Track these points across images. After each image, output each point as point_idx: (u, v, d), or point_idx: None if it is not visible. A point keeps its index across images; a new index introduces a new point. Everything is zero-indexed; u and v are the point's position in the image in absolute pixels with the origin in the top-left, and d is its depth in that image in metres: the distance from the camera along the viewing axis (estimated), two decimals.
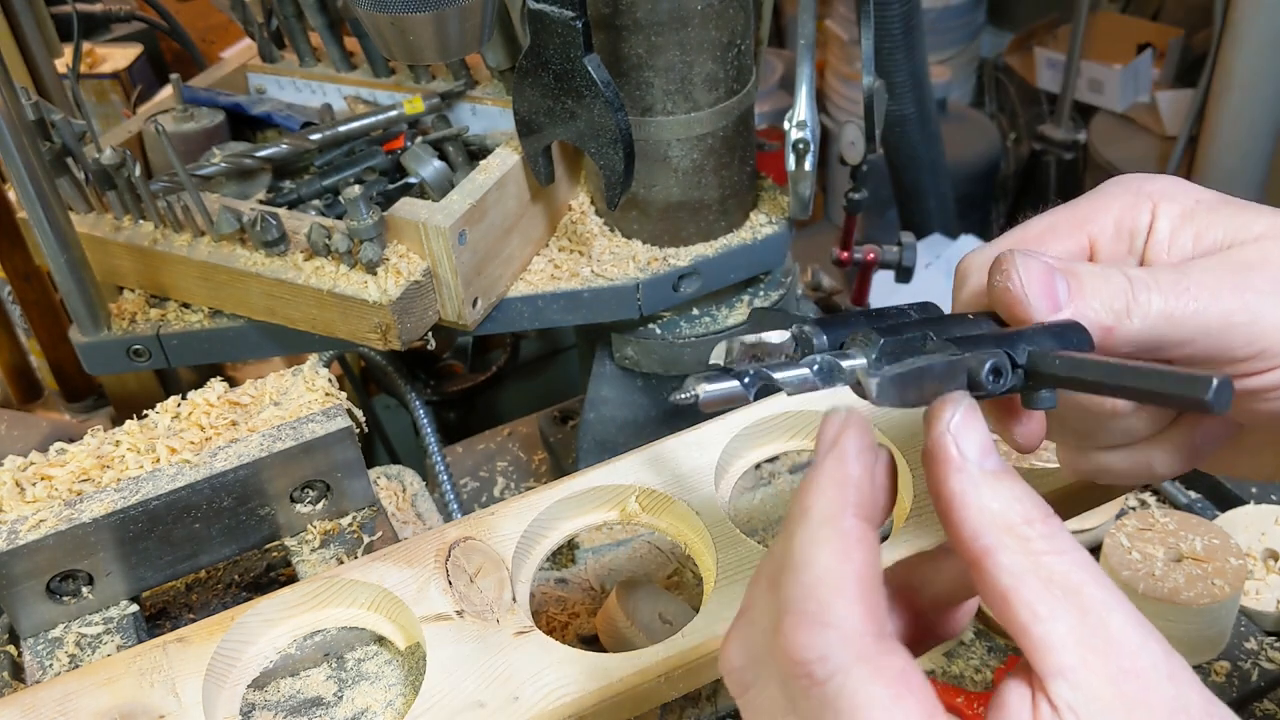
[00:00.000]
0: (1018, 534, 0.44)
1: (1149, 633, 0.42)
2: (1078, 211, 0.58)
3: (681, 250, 1.15)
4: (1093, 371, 0.48)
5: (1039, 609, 0.43)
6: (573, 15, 0.93)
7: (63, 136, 1.03)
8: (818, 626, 0.43)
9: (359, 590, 0.77)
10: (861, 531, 0.45)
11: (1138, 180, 0.58)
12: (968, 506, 0.45)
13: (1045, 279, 0.52)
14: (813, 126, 1.13)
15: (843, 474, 0.46)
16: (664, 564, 1.10)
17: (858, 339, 0.50)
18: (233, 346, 1.12)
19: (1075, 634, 0.42)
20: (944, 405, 0.47)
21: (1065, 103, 3.39)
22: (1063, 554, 0.43)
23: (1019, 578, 0.43)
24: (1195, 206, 0.57)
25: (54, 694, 0.70)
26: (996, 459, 0.46)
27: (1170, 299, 0.52)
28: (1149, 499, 1.19)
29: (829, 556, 0.44)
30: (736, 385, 0.47)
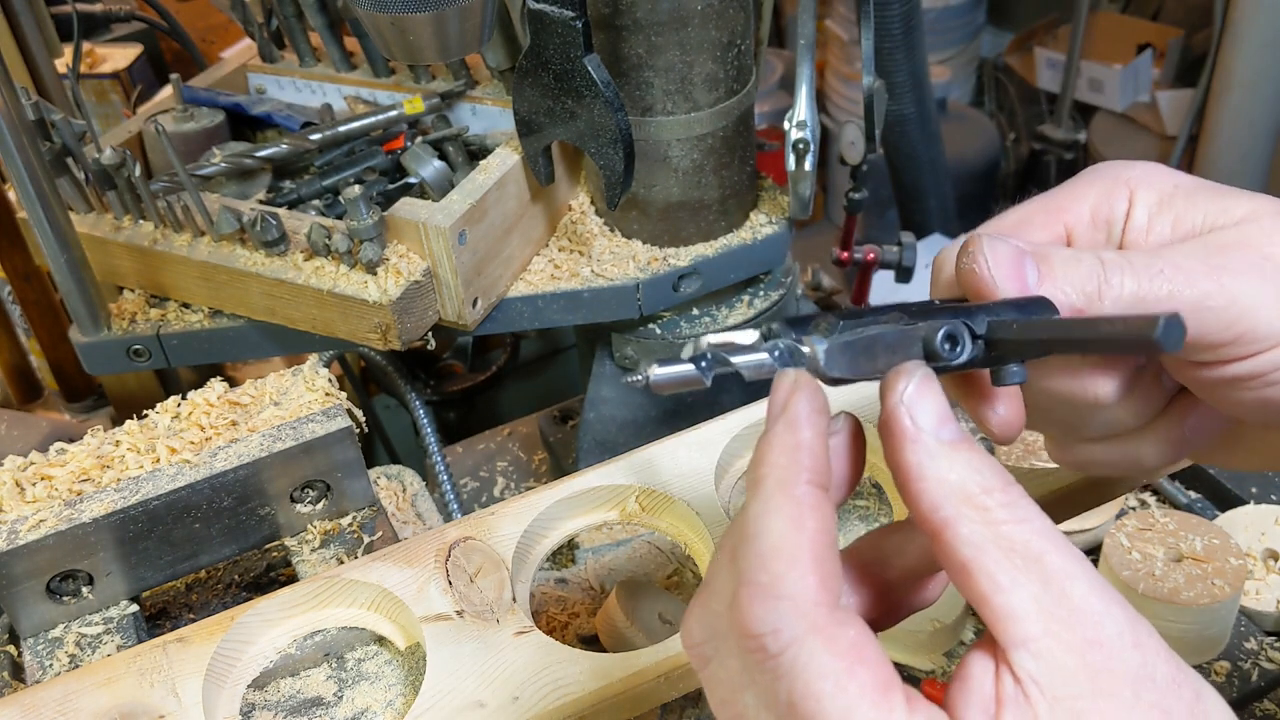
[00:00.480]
0: (976, 504, 0.43)
1: (1113, 599, 0.42)
2: (1053, 201, 0.57)
3: (681, 250, 1.15)
4: (1047, 329, 0.48)
5: (1000, 579, 0.42)
6: (573, 15, 0.93)
7: (63, 136, 1.03)
8: (771, 599, 0.42)
9: (359, 590, 0.77)
10: (815, 498, 0.44)
11: (1115, 168, 0.57)
12: (925, 479, 0.44)
13: (1014, 262, 0.51)
14: (813, 126, 1.13)
15: (794, 439, 0.45)
16: (664, 564, 1.10)
17: (820, 325, 0.50)
18: (233, 346, 1.12)
19: (1037, 603, 0.41)
20: (897, 376, 0.46)
21: (1065, 103, 3.39)
22: (1023, 522, 0.43)
23: (979, 548, 0.42)
24: (1174, 192, 0.55)
25: (54, 694, 0.70)
26: (954, 428, 0.45)
27: (1143, 281, 0.51)
28: (1149, 499, 1.19)
29: (782, 525, 0.43)
30: (691, 368, 0.47)
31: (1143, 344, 0.44)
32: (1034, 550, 0.42)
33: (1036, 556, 0.42)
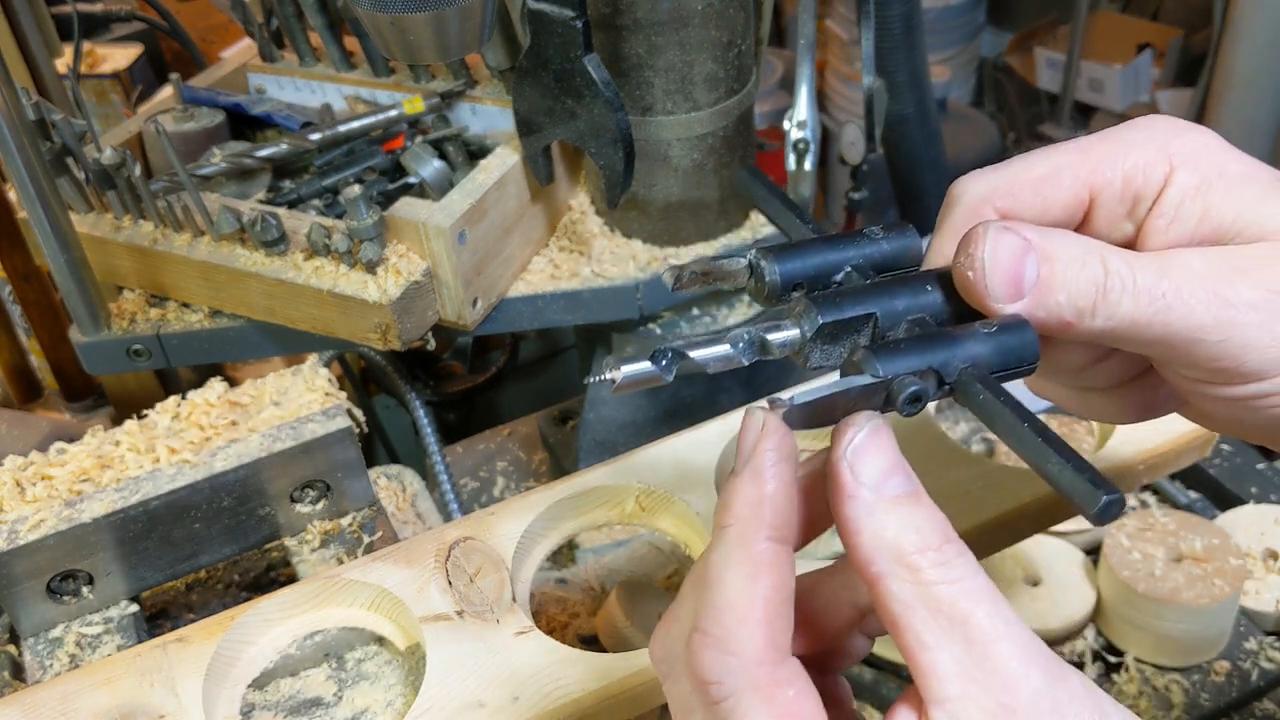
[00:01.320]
0: (907, 563, 0.44)
1: (1034, 662, 0.42)
2: (1089, 156, 0.53)
3: (681, 250, 1.15)
4: (1006, 430, 0.47)
5: (925, 638, 0.43)
6: (573, 15, 0.93)
7: (63, 136, 1.03)
8: (718, 652, 0.44)
9: (359, 590, 0.77)
10: (773, 554, 0.45)
11: (1165, 132, 0.53)
12: (860, 533, 0.45)
13: (1015, 260, 0.49)
14: (813, 126, 1.13)
15: (758, 493, 0.45)
16: (664, 564, 1.10)
17: (795, 310, 0.49)
18: (233, 346, 1.12)
19: (959, 664, 0.42)
20: (846, 427, 0.47)
21: (1065, 102, 3.38)
22: (955, 582, 0.43)
23: (907, 605, 0.43)
24: (1216, 179, 0.52)
25: (54, 694, 0.70)
26: (899, 482, 0.45)
27: (1142, 305, 0.49)
28: (1149, 499, 1.19)
29: (737, 580, 0.45)
30: (651, 367, 0.47)
31: (1077, 506, 0.44)
32: (960, 610, 0.43)
33: (963, 617, 0.43)
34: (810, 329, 0.49)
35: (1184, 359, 0.51)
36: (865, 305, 0.50)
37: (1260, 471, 1.18)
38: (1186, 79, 3.28)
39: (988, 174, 0.55)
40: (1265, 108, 2.74)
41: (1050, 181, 0.54)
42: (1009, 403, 0.47)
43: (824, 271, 0.53)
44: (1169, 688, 1.01)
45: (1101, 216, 0.54)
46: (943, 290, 0.52)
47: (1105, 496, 0.43)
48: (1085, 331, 0.50)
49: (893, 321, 0.50)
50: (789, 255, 0.52)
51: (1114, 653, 1.05)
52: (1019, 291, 0.49)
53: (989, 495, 0.79)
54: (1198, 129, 0.53)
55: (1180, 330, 0.49)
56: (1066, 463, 0.44)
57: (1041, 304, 0.50)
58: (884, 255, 0.54)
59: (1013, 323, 0.50)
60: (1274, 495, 1.16)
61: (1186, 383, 0.53)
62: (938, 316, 0.51)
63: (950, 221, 0.55)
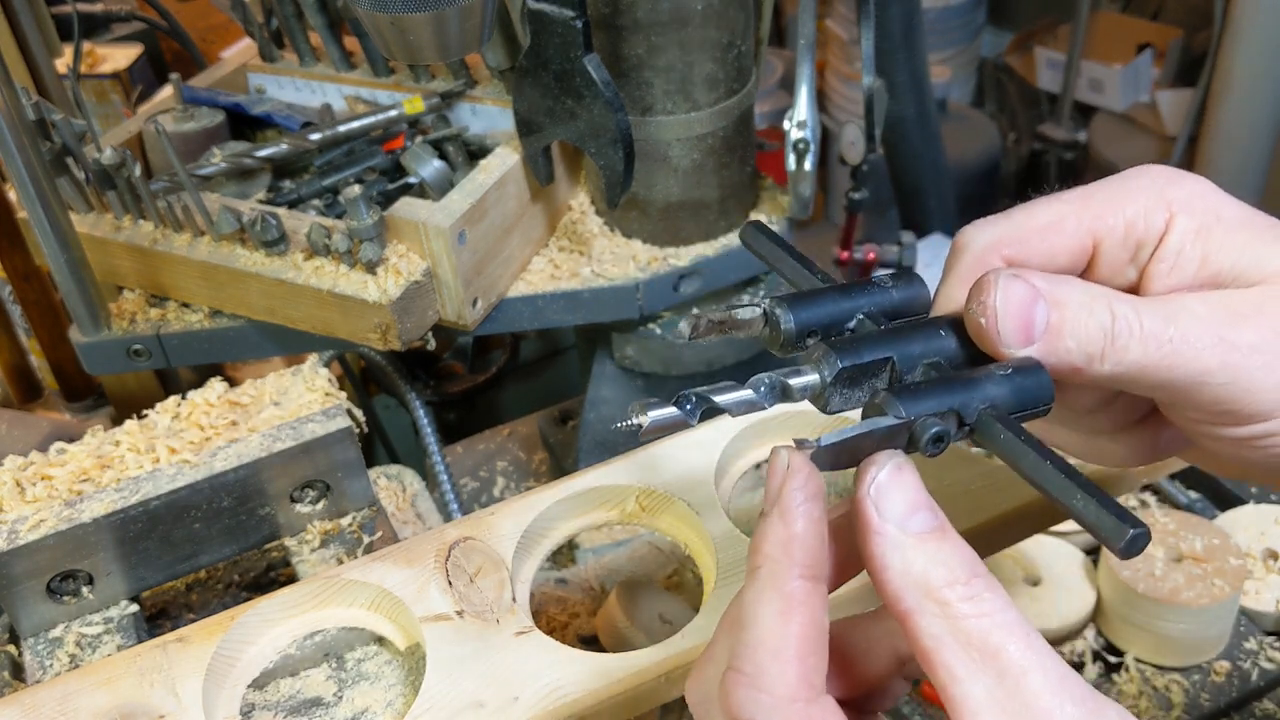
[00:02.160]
0: (937, 597, 0.44)
1: (1068, 695, 0.43)
2: (1090, 205, 0.54)
3: (681, 250, 1.15)
4: (1030, 469, 0.48)
5: (957, 671, 0.43)
6: (573, 15, 0.93)
7: (63, 136, 1.03)
8: (752, 689, 0.45)
9: (359, 590, 0.77)
10: (805, 592, 0.46)
11: (1162, 180, 0.54)
12: (888, 569, 0.45)
13: (1025, 307, 0.50)
14: (813, 126, 1.13)
15: (787, 532, 0.46)
16: (664, 564, 1.10)
17: (814, 356, 0.50)
18: (233, 346, 1.12)
19: (991, 696, 0.43)
20: (869, 465, 0.47)
21: (1065, 102, 3.38)
22: (984, 616, 0.44)
23: (939, 640, 0.44)
24: (1215, 225, 0.53)
25: (54, 694, 0.70)
26: (924, 518, 0.46)
27: (1150, 351, 0.50)
28: (1149, 499, 1.19)
29: (769, 618, 0.46)
30: (677, 412, 0.48)
31: (1103, 541, 0.45)
32: (992, 644, 0.43)
33: (995, 650, 0.43)
34: (830, 373, 0.49)
35: (1190, 401, 0.52)
36: (882, 349, 0.51)
37: None
38: (1186, 79, 3.28)
39: (993, 223, 0.56)
40: (1265, 108, 2.74)
41: (1054, 230, 0.54)
42: (1030, 442, 0.48)
43: (837, 319, 0.54)
44: (1169, 688, 1.01)
45: (1105, 263, 0.55)
46: (956, 335, 0.53)
47: (1132, 531, 0.44)
48: (1094, 376, 0.51)
49: (909, 365, 0.51)
50: (802, 304, 0.53)
51: (1114, 653, 1.05)
52: (1030, 337, 0.50)
53: (989, 495, 0.79)
54: (1193, 177, 0.55)
55: (1187, 373, 0.50)
56: (1091, 498, 0.45)
57: (1052, 350, 0.50)
58: (893, 303, 0.55)
59: (1027, 365, 0.51)
60: (1274, 495, 1.16)
61: (1192, 424, 0.54)
62: (952, 360, 0.52)
63: (958, 270, 0.56)
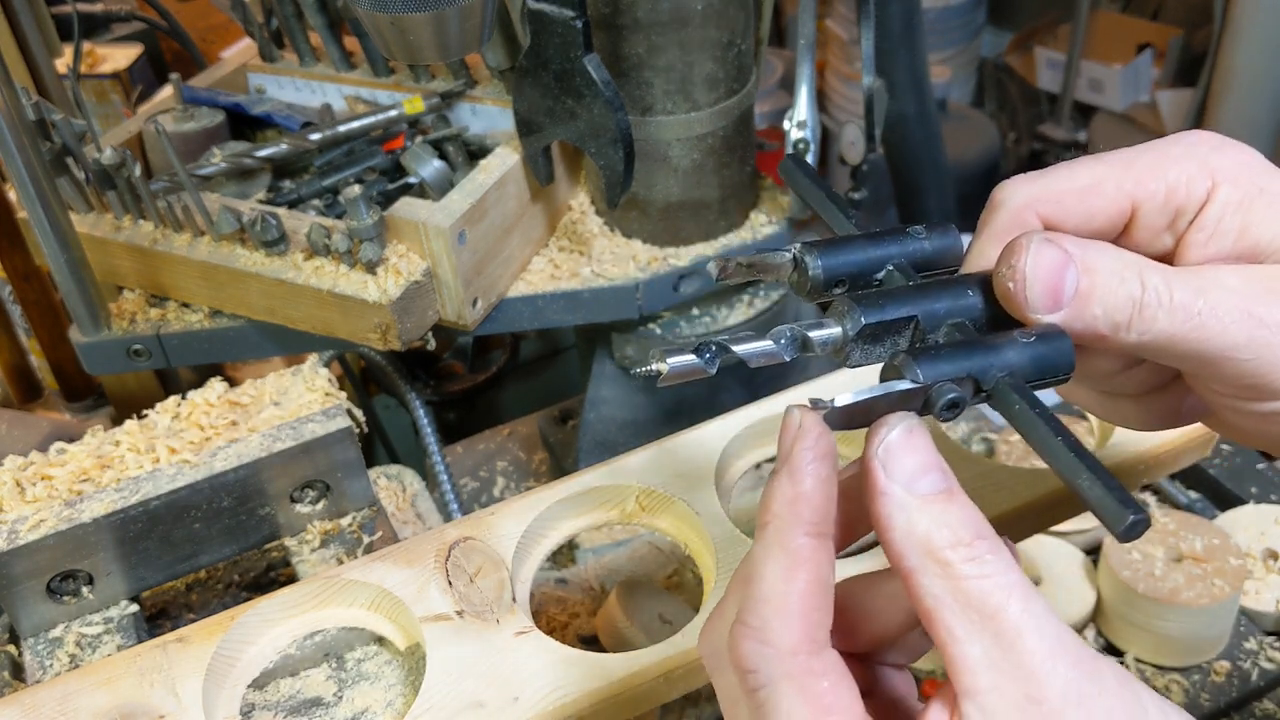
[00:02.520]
0: (939, 558, 0.45)
1: (1062, 656, 0.43)
2: (1132, 169, 0.54)
3: (681, 250, 1.15)
4: (1040, 441, 0.48)
5: (956, 631, 0.44)
6: (573, 15, 0.93)
7: (63, 136, 1.03)
8: (756, 642, 0.46)
9: (359, 590, 0.77)
10: (810, 549, 0.47)
11: (1206, 147, 0.54)
12: (892, 529, 0.46)
13: (1055, 273, 0.50)
14: (813, 126, 1.13)
15: (794, 491, 0.47)
16: (664, 564, 1.10)
17: (839, 310, 0.50)
18: (233, 346, 1.12)
19: (988, 657, 0.43)
20: (880, 426, 0.48)
21: (1065, 102, 3.38)
22: (985, 577, 0.44)
23: (939, 600, 0.45)
24: (1257, 197, 0.53)
25: (54, 694, 0.70)
26: (933, 479, 0.46)
27: (1177, 322, 0.50)
28: (1149, 499, 1.19)
29: (774, 574, 0.46)
30: (696, 360, 0.48)
31: (1104, 522, 0.45)
32: (991, 605, 0.44)
33: (993, 611, 0.44)
34: (853, 328, 0.49)
35: (1216, 374, 0.52)
36: (907, 307, 0.50)
37: (1260, 471, 1.18)
38: (1186, 79, 3.28)
39: (1032, 180, 0.55)
40: (1265, 108, 2.74)
41: (1094, 191, 0.54)
42: (1043, 414, 0.48)
43: (866, 269, 0.53)
44: (1169, 688, 1.01)
45: (1142, 228, 0.55)
46: (983, 295, 0.52)
47: (1132, 516, 0.44)
48: (1120, 344, 0.51)
49: (934, 324, 0.51)
50: (832, 251, 0.52)
51: (1114, 653, 1.05)
52: (1058, 303, 0.50)
53: (989, 495, 0.79)
54: (1240, 146, 0.54)
55: (1214, 347, 0.50)
56: (1097, 479, 0.45)
57: (1079, 316, 0.50)
58: (925, 255, 0.55)
59: (1051, 332, 0.50)
60: (1274, 495, 1.16)
61: (1216, 396, 0.54)
62: (977, 321, 0.52)
63: (992, 226, 0.55)
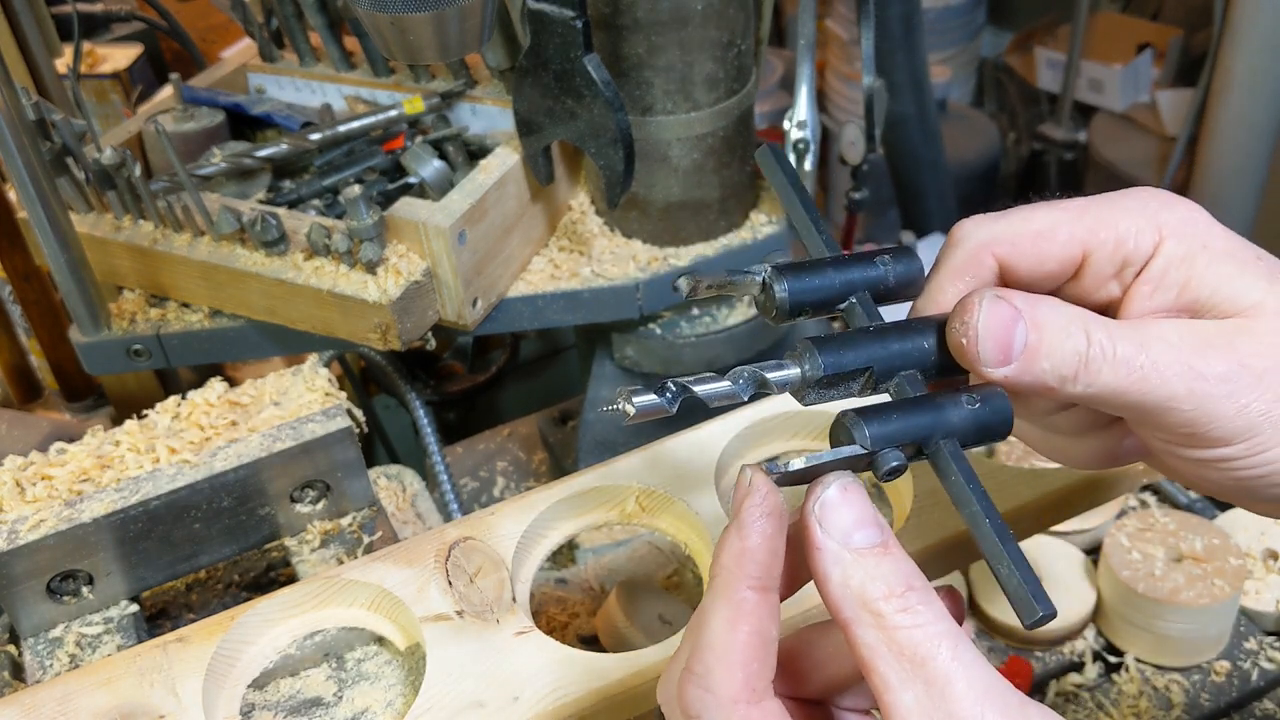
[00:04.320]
0: (872, 609, 0.47)
1: (990, 701, 0.45)
2: (1084, 219, 0.56)
3: (681, 250, 1.15)
4: (970, 518, 0.51)
5: (890, 679, 0.46)
6: (573, 15, 0.93)
7: (63, 136, 1.03)
8: (700, 689, 0.48)
9: (359, 590, 0.77)
10: (753, 602, 0.49)
11: (1156, 203, 0.56)
12: (829, 581, 0.48)
13: (1005, 329, 0.52)
14: (813, 126, 1.14)
15: (741, 545, 0.49)
16: (664, 564, 1.10)
17: (797, 353, 0.53)
18: (233, 346, 1.12)
19: (920, 704, 0.45)
20: (818, 485, 0.50)
21: (1065, 103, 3.38)
22: (916, 627, 0.46)
23: (873, 649, 0.47)
24: (1200, 252, 0.55)
25: (54, 694, 0.70)
26: (867, 534, 0.49)
27: (1121, 376, 0.52)
28: (1149, 499, 1.19)
29: (719, 624, 0.49)
30: (658, 400, 0.50)
31: (1015, 610, 0.49)
32: (921, 654, 0.46)
33: (923, 660, 0.46)
34: (813, 373, 0.52)
35: (1157, 423, 0.54)
36: (864, 354, 0.53)
37: None
38: (1186, 79, 3.28)
39: (990, 221, 0.58)
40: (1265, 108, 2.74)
41: (1048, 236, 0.57)
42: (976, 491, 0.51)
43: (831, 298, 0.56)
44: (1169, 688, 1.01)
45: (1091, 275, 0.57)
46: (937, 341, 0.55)
47: (1041, 612, 0.48)
48: (1067, 396, 0.53)
49: (887, 373, 0.54)
50: (800, 277, 0.54)
51: (1114, 653, 1.05)
52: (1008, 358, 0.53)
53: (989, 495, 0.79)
54: (1186, 203, 0.57)
55: (1156, 399, 0.52)
56: (1015, 570, 0.49)
57: (1028, 370, 0.53)
58: (888, 285, 0.57)
59: (994, 396, 0.53)
60: None
61: (1158, 443, 0.57)
62: (928, 369, 0.55)
63: (949, 262, 0.58)
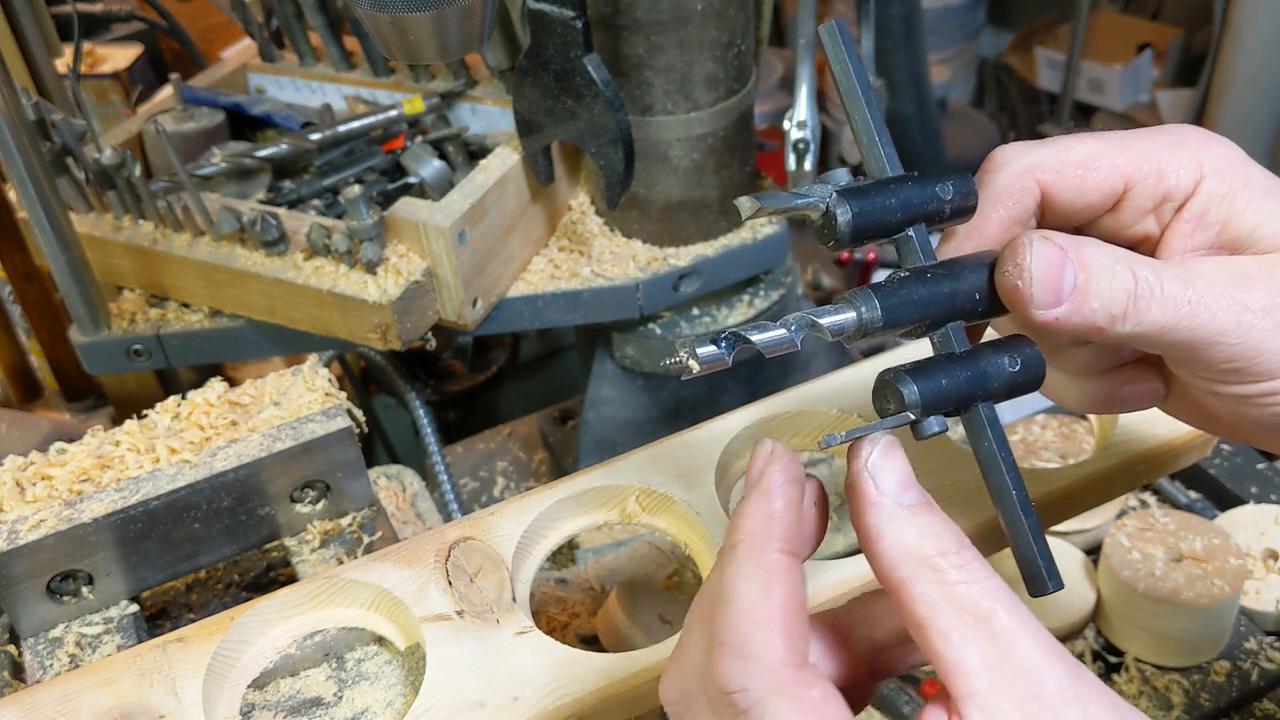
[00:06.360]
0: (931, 565, 0.46)
1: (1056, 656, 0.44)
2: (1126, 152, 0.56)
3: (681, 250, 1.15)
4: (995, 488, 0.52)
5: (952, 635, 0.45)
6: (573, 15, 0.93)
7: (63, 136, 1.03)
8: (740, 659, 0.46)
9: (359, 590, 0.77)
10: (785, 565, 0.47)
11: (1195, 139, 0.56)
12: (884, 539, 0.47)
13: (1056, 270, 0.52)
14: (813, 126, 1.14)
15: (767, 509, 0.48)
16: (664, 564, 1.10)
17: (853, 298, 0.53)
18: (233, 346, 1.12)
19: (985, 659, 0.44)
20: (863, 443, 0.49)
21: (1065, 102, 3.38)
22: (975, 583, 0.45)
23: (933, 606, 0.45)
24: (1240, 190, 0.55)
25: (54, 694, 0.70)
26: (915, 493, 0.48)
27: (1169, 312, 0.52)
28: (1149, 499, 1.19)
29: (753, 591, 0.47)
30: (719, 351, 0.50)
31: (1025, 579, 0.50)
32: (983, 609, 0.45)
33: (985, 615, 0.45)
34: (870, 320, 0.52)
35: (1202, 359, 0.54)
36: (921, 305, 0.53)
37: (1260, 471, 1.18)
38: (1186, 79, 3.28)
39: (1031, 148, 0.57)
40: (1265, 108, 2.74)
41: (1090, 166, 0.56)
42: (1007, 460, 0.51)
43: (890, 229, 0.55)
44: (1169, 688, 1.01)
45: (1129, 208, 0.57)
46: (987, 285, 0.55)
47: (1052, 586, 0.49)
48: (1115, 335, 0.53)
49: (937, 322, 0.54)
50: (864, 204, 0.54)
51: (1114, 653, 1.05)
52: (1058, 299, 0.52)
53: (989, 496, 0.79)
54: (1226, 142, 0.57)
55: (1203, 334, 0.52)
56: (1033, 543, 0.49)
57: (1077, 311, 0.52)
58: (945, 215, 0.57)
59: (1031, 357, 0.54)
60: (1274, 495, 1.16)
61: (1200, 381, 0.56)
62: (971, 313, 0.55)
63: (991, 188, 0.58)
